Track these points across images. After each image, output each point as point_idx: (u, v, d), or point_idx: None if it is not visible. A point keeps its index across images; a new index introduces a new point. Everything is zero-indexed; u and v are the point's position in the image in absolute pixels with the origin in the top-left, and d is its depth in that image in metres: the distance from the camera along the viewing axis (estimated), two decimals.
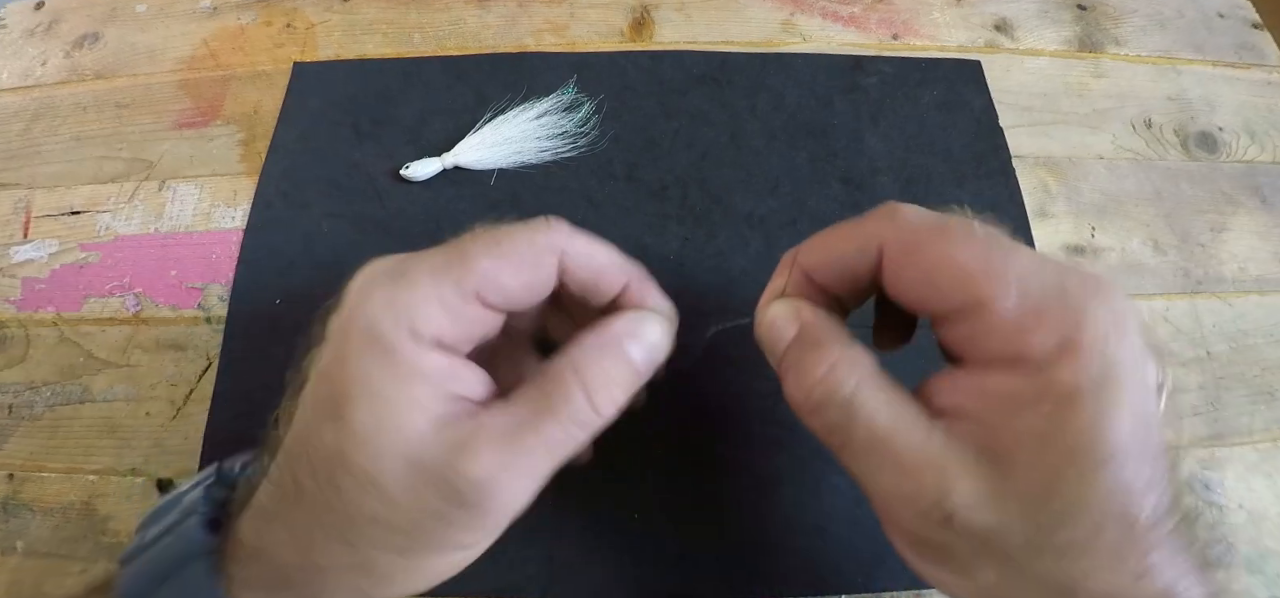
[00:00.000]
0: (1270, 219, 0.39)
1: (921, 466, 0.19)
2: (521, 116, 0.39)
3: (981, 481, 0.18)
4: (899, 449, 0.19)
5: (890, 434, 0.19)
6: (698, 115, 0.40)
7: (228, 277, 0.36)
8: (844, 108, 0.41)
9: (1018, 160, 0.40)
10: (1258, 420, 0.34)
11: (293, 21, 0.44)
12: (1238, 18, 0.46)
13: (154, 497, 0.31)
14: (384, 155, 0.39)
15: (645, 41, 0.44)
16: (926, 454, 0.19)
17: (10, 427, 0.33)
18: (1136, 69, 0.44)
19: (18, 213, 0.38)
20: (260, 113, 0.41)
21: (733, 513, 0.31)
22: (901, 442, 0.19)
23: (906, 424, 0.19)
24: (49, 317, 0.35)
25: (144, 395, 0.33)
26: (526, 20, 0.44)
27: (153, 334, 0.35)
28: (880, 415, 0.20)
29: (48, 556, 0.30)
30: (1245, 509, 0.32)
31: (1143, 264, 0.37)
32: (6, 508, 0.31)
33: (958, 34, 0.44)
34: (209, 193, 0.38)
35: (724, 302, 0.35)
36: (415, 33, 0.44)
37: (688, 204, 0.38)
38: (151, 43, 0.44)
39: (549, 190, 0.38)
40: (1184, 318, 0.36)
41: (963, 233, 0.20)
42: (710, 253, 0.36)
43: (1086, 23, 0.45)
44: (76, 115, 0.41)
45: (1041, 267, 0.19)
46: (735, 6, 0.45)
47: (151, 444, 0.32)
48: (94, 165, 0.40)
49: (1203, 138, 0.41)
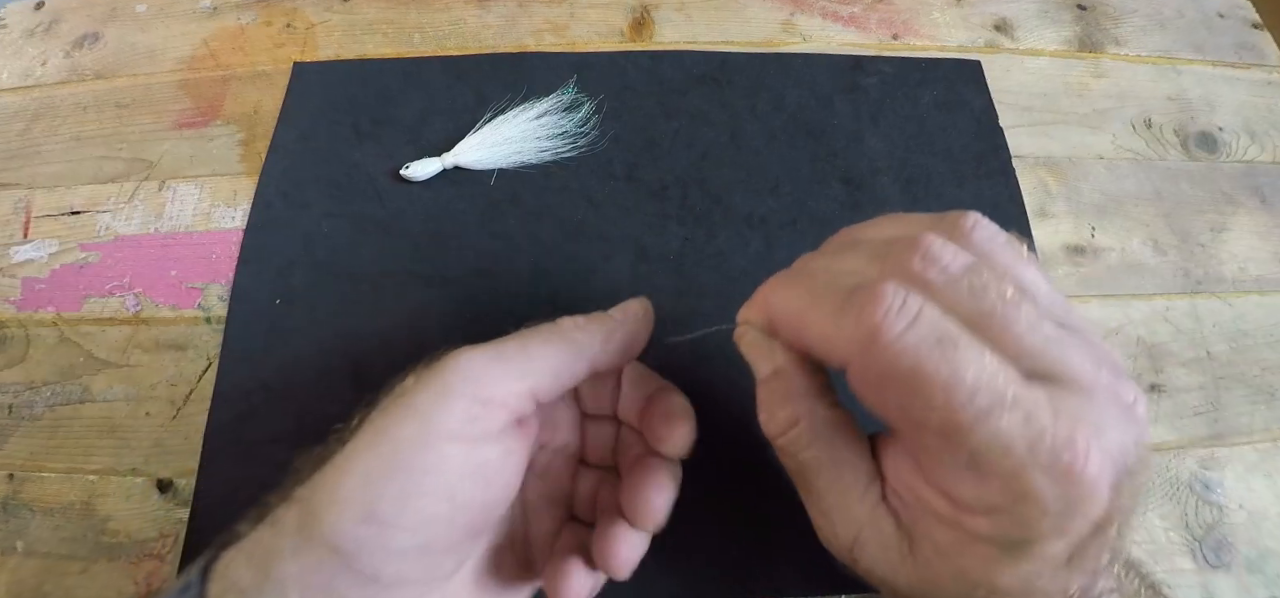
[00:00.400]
0: (1270, 219, 0.39)
1: (846, 522, 0.22)
2: (521, 116, 0.39)
3: (891, 550, 0.21)
4: (830, 507, 0.22)
5: (828, 492, 0.22)
6: (698, 115, 0.40)
7: (228, 277, 0.36)
8: (844, 108, 0.41)
9: (1018, 160, 0.40)
10: (1258, 420, 0.34)
11: (293, 21, 0.44)
12: (1238, 18, 0.46)
13: (154, 497, 0.31)
14: (384, 155, 0.39)
15: (645, 41, 0.44)
16: (853, 515, 0.22)
17: (10, 427, 0.33)
18: (1136, 69, 0.44)
19: (18, 213, 0.38)
20: (260, 113, 0.41)
21: (733, 513, 0.31)
22: (835, 501, 0.22)
23: (844, 487, 0.22)
24: (49, 317, 0.35)
25: (144, 395, 0.33)
26: (526, 20, 0.44)
27: (153, 334, 0.35)
28: (824, 476, 0.22)
29: (48, 556, 0.30)
30: (1245, 509, 0.32)
31: (1143, 264, 0.37)
32: (6, 508, 0.31)
33: (958, 34, 0.44)
34: (209, 193, 0.38)
35: (724, 302, 0.35)
36: (415, 33, 0.44)
37: (688, 204, 0.38)
38: (151, 43, 0.44)
39: (549, 190, 0.38)
40: (1184, 318, 0.36)
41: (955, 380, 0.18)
42: (710, 253, 0.36)
43: (1086, 23, 0.45)
44: (76, 115, 0.41)
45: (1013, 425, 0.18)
46: (735, 6, 0.45)
47: (151, 444, 0.32)
48: (94, 165, 0.40)
49: (1203, 138, 0.41)
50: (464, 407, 0.21)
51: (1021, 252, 0.21)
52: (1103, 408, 0.18)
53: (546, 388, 0.22)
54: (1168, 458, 0.33)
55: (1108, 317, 0.36)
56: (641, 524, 0.23)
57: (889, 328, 0.18)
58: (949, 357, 0.18)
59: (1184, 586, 0.30)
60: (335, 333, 0.34)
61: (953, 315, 0.19)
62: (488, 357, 0.22)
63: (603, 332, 0.24)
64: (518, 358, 0.22)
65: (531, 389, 0.22)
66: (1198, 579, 0.30)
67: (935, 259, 0.19)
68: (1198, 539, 0.31)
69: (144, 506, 0.31)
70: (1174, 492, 0.32)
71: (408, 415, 0.21)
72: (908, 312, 0.18)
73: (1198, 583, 0.30)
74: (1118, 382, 0.19)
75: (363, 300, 0.35)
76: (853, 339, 0.19)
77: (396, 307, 0.35)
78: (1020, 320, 0.18)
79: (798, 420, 0.22)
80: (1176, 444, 0.33)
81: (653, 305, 0.26)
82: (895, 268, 0.20)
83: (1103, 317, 0.36)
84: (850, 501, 0.22)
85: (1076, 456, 0.17)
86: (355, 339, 0.34)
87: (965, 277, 0.19)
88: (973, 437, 0.18)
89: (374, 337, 0.34)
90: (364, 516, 0.20)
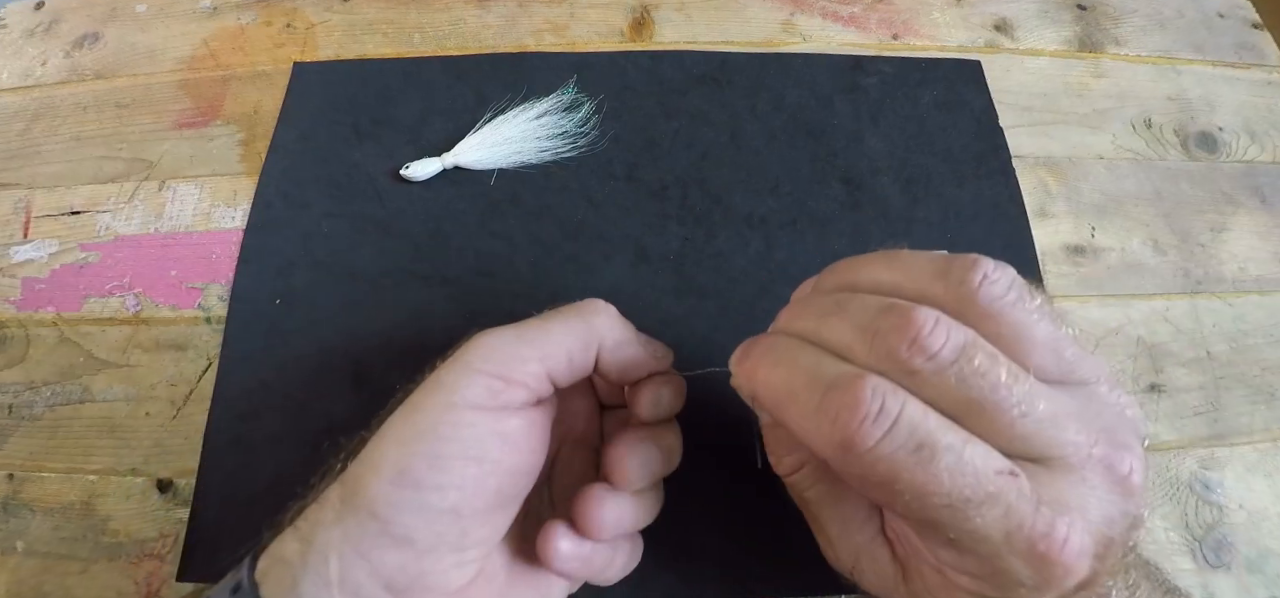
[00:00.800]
0: (1270, 219, 0.39)
1: (847, 549, 0.24)
2: (521, 116, 0.39)
3: (887, 576, 0.23)
4: (834, 536, 0.24)
5: (830, 523, 0.24)
6: (698, 115, 0.40)
7: (228, 277, 0.36)
8: (844, 108, 0.41)
9: (1018, 160, 0.40)
10: (1258, 420, 0.34)
11: (293, 21, 0.44)
12: (1238, 18, 0.46)
13: (154, 497, 0.31)
14: (384, 155, 0.39)
15: (645, 41, 0.44)
16: (854, 543, 0.24)
17: (10, 427, 0.33)
18: (1136, 69, 0.44)
19: (18, 213, 0.38)
20: (260, 113, 0.41)
21: (732, 513, 0.31)
22: (838, 531, 0.24)
23: (845, 518, 0.24)
24: (49, 317, 0.35)
25: (144, 395, 0.33)
26: (526, 20, 0.44)
27: (153, 334, 0.35)
28: (826, 511, 0.24)
29: (48, 556, 0.30)
30: (1245, 509, 0.32)
31: (1143, 264, 0.37)
32: (6, 508, 0.31)
33: (958, 34, 0.44)
34: (209, 193, 0.38)
35: (724, 302, 0.35)
36: (415, 33, 0.44)
37: (688, 204, 0.38)
38: (151, 43, 0.44)
39: (549, 190, 0.38)
40: (1184, 318, 0.36)
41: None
42: (710, 253, 0.36)
43: (1086, 23, 0.45)
44: (76, 115, 0.41)
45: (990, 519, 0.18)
46: (735, 6, 0.45)
47: (151, 444, 0.32)
48: (94, 165, 0.40)
49: (1203, 138, 0.41)
50: (484, 381, 0.22)
51: (1031, 307, 0.19)
52: (1091, 486, 0.19)
53: (562, 371, 0.24)
54: (1168, 458, 0.33)
55: (1108, 317, 0.36)
56: (615, 481, 0.24)
57: (864, 438, 0.18)
58: (925, 465, 0.18)
59: (1184, 586, 0.30)
60: (335, 333, 0.34)
61: (937, 407, 0.18)
62: (507, 338, 0.23)
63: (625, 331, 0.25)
64: (538, 340, 0.23)
65: (548, 371, 0.23)
66: (1198, 579, 0.30)
67: (923, 348, 0.18)
68: (1198, 539, 0.31)
69: (144, 506, 0.31)
70: (1174, 492, 0.32)
71: (434, 389, 0.22)
72: (885, 418, 0.18)
73: (1198, 583, 0.30)
74: (1113, 453, 0.19)
75: (363, 300, 0.35)
76: (829, 442, 0.19)
77: (396, 307, 0.35)
78: (1011, 408, 0.18)
79: (802, 465, 0.24)
80: (1176, 444, 0.33)
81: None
82: (880, 354, 0.19)
83: (1103, 317, 0.36)
84: (851, 530, 0.24)
85: (1052, 544, 0.18)
86: (355, 339, 0.34)
87: (955, 364, 0.18)
88: (949, 530, 0.19)
89: (374, 337, 0.34)
90: (397, 476, 0.21)
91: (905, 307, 0.19)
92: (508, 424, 0.22)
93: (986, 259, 0.20)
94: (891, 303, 0.19)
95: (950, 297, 0.19)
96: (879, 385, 0.18)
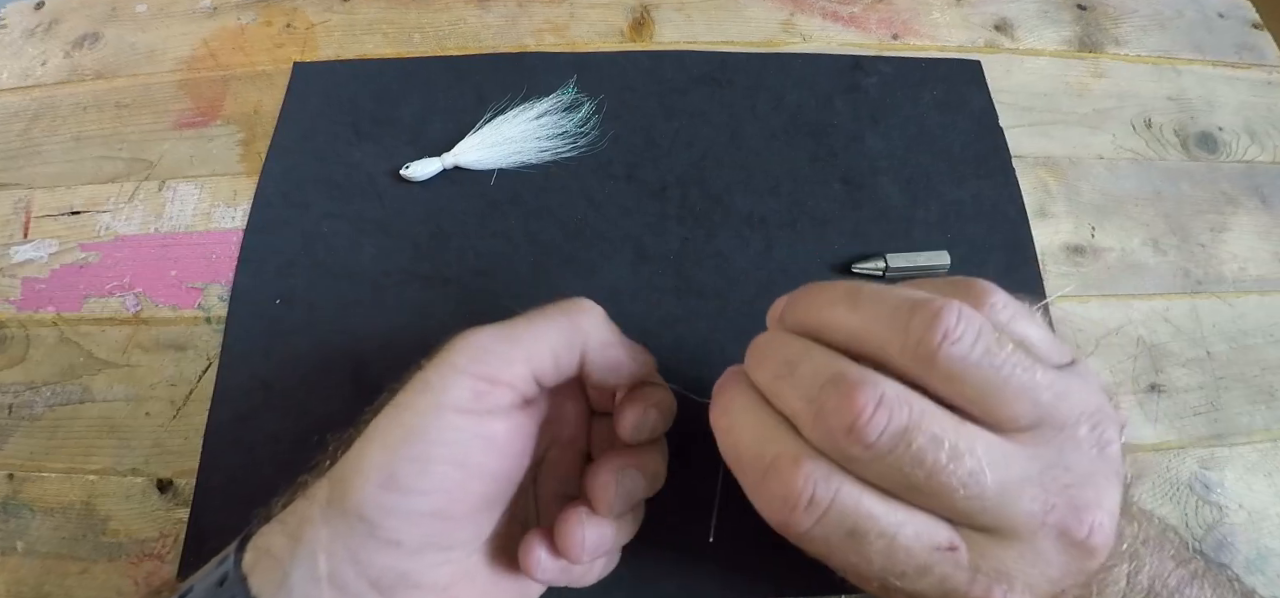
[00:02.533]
0: (1270, 219, 0.39)
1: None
2: (521, 116, 0.39)
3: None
4: None
5: None
6: (698, 115, 0.40)
7: (228, 277, 0.36)
8: (844, 108, 0.41)
9: (1018, 160, 0.40)
10: (1258, 420, 0.34)
11: (293, 21, 0.44)
12: (1238, 18, 0.46)
13: (154, 497, 0.31)
14: (384, 155, 0.39)
15: (645, 41, 0.44)
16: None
17: (10, 427, 0.33)
18: (1136, 69, 0.44)
19: (18, 213, 0.38)
20: (260, 113, 0.41)
21: (732, 513, 0.31)
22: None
23: None
24: (49, 317, 0.35)
25: (144, 395, 0.33)
26: (526, 20, 0.44)
27: (153, 334, 0.35)
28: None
29: (48, 556, 0.30)
30: (1245, 509, 0.32)
31: (1143, 264, 0.37)
32: (6, 508, 0.31)
33: (958, 34, 0.44)
34: (209, 193, 0.38)
35: (723, 303, 0.35)
36: (415, 33, 0.44)
37: (688, 204, 0.38)
38: (151, 43, 0.44)
39: (549, 190, 0.38)
40: (1184, 318, 0.36)
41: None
42: (710, 253, 0.36)
43: (1086, 23, 0.45)
44: (76, 115, 0.41)
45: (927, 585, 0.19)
46: (735, 6, 0.45)
47: (151, 444, 0.32)
48: (94, 165, 0.40)
49: (1203, 138, 0.41)
50: (470, 384, 0.22)
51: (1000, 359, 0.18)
52: (1040, 551, 0.19)
53: (547, 371, 0.23)
54: (1168, 458, 0.33)
55: (1108, 317, 0.36)
56: (598, 509, 0.24)
57: (798, 522, 0.19)
58: (857, 547, 0.19)
59: None
60: (335, 333, 0.34)
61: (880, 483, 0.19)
62: (493, 337, 0.23)
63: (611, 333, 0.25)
64: (524, 340, 0.23)
65: (533, 372, 0.23)
66: None
67: (860, 436, 0.18)
68: (1198, 539, 0.31)
69: (144, 506, 0.31)
70: (1174, 492, 0.32)
71: (420, 390, 0.22)
72: (815, 508, 0.19)
73: None
74: (1071, 517, 0.18)
75: (363, 300, 0.35)
76: (768, 518, 0.20)
77: (396, 307, 0.35)
78: (954, 490, 0.18)
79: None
80: (1176, 444, 0.33)
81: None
82: (821, 434, 0.19)
83: (1103, 317, 0.36)
84: None
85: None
86: (355, 339, 0.34)
87: (893, 452, 0.18)
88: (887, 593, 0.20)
89: (374, 337, 0.34)
90: (384, 481, 0.21)
91: (850, 384, 0.18)
92: (493, 428, 0.22)
93: (951, 308, 0.18)
94: (839, 374, 0.19)
95: (908, 356, 0.19)
96: (813, 473, 0.19)
